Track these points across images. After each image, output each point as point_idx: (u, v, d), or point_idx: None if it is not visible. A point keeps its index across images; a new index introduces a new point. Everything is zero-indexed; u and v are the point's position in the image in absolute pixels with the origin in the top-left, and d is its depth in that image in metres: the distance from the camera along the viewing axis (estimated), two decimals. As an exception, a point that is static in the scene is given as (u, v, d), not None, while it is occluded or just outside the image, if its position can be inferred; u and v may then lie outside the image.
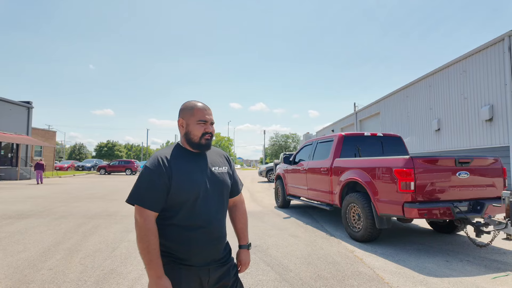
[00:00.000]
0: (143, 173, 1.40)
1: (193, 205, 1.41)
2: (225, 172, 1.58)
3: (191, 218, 1.41)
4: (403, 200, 4.16)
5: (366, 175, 4.82)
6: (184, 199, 1.40)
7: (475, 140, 9.99)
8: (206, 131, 1.49)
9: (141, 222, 1.33)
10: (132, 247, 4.58)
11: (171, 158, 1.44)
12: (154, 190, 1.36)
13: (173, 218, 1.40)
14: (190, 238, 1.40)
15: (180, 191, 1.39)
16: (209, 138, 1.51)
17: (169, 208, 1.40)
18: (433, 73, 12.38)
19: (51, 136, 32.41)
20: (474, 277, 3.38)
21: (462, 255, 4.20)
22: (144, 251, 1.31)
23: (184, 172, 1.43)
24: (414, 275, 3.45)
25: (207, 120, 1.51)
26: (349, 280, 3.33)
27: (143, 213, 1.34)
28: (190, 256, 1.40)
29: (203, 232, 1.42)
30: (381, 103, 17.73)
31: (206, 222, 1.43)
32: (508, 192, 3.76)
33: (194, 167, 1.48)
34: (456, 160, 4.26)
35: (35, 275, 3.50)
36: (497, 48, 9.10)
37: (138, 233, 1.33)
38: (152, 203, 1.35)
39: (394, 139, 6.45)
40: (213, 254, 1.46)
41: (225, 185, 1.55)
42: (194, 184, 1.42)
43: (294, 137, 69.12)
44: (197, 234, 1.41)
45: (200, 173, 1.48)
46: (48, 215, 7.16)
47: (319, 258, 4.06)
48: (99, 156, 71.12)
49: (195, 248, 1.40)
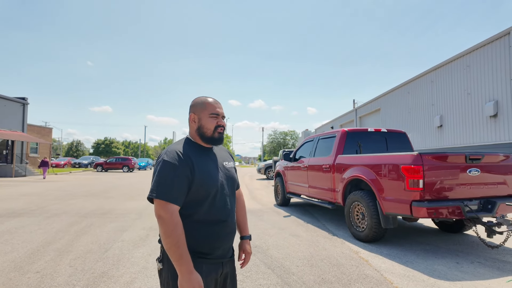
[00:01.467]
0: (164, 167, 1.36)
1: (213, 200, 1.42)
2: (233, 167, 1.64)
3: (211, 213, 1.42)
4: (411, 199, 3.95)
5: (371, 173, 4.60)
6: (205, 194, 1.40)
7: (479, 136, 9.79)
8: (218, 124, 1.50)
9: (167, 217, 1.29)
10: (126, 247, 4.36)
11: (190, 152, 1.43)
12: (177, 184, 1.34)
13: (193, 213, 1.39)
14: (212, 233, 1.41)
15: (202, 186, 1.39)
16: (221, 131, 1.52)
17: (189, 203, 1.39)
18: (436, 69, 12.15)
19: (47, 133, 32.02)
20: (488, 281, 3.19)
21: (473, 256, 4.00)
22: (174, 247, 1.27)
23: (204, 166, 1.44)
24: (424, 279, 3.25)
25: (219, 113, 1.52)
26: (356, 284, 3.13)
27: (168, 208, 1.30)
28: (213, 251, 1.42)
29: (223, 226, 1.44)
30: (382, 99, 17.51)
31: (225, 216, 1.46)
32: (523, 191, 3.55)
33: (211, 162, 1.50)
34: (467, 157, 4.04)
35: (20, 278, 3.28)
36: (501, 43, 8.87)
37: (165, 229, 1.28)
38: (176, 197, 1.33)
39: (398, 135, 6.23)
40: (228, 247, 1.50)
41: (235, 180, 1.61)
42: (214, 179, 1.45)
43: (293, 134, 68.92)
44: (218, 228, 1.43)
45: (217, 168, 1.51)
46: (41, 214, 6.92)
47: (322, 260, 3.85)
48: (97, 153, 70.71)
49: (217, 242, 1.42)
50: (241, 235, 1.74)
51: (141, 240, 4.75)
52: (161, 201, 1.30)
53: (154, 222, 6.02)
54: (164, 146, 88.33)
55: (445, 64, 11.57)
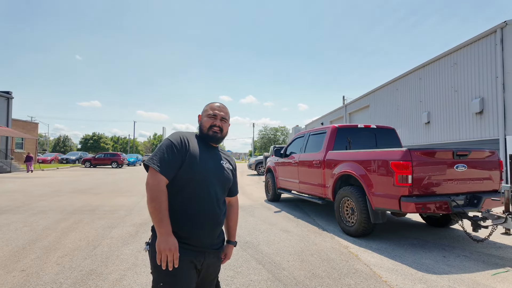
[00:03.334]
0: (164, 143, 1.54)
1: (198, 185, 1.52)
2: (231, 169, 1.75)
3: (192, 197, 1.52)
4: (399, 194, 4.00)
5: (361, 168, 4.65)
6: (191, 176, 1.51)
7: (465, 133, 10.00)
8: (213, 124, 1.65)
9: (154, 184, 1.44)
10: (115, 244, 4.30)
11: (190, 139, 1.59)
12: (170, 159, 1.49)
13: (177, 196, 1.51)
14: (191, 219, 1.50)
15: (190, 168, 1.51)
16: (216, 131, 1.65)
17: (175, 184, 1.51)
18: (424, 66, 12.32)
19: (33, 128, 31.25)
20: (474, 274, 3.27)
21: (459, 250, 4.09)
22: (156, 211, 1.40)
23: (197, 153, 1.56)
24: (412, 272, 3.30)
25: (216, 114, 1.66)
26: (346, 278, 3.16)
27: (156, 177, 1.45)
28: (190, 235, 1.50)
29: (203, 214, 1.53)
30: (371, 96, 17.68)
31: (207, 206, 1.54)
32: (508, 186, 3.65)
33: (207, 154, 1.62)
34: (454, 153, 4.12)
35: (5, 277, 3.20)
36: (489, 40, 9.04)
37: (150, 194, 1.42)
38: (166, 169, 1.47)
39: (387, 131, 6.30)
40: (210, 237, 1.57)
41: (228, 179, 1.70)
42: (204, 166, 1.56)
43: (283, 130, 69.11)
44: (198, 215, 1.52)
45: (210, 160, 1.62)
46: (26, 211, 6.76)
47: (312, 255, 3.88)
48: (85, 148, 69.53)
49: (195, 228, 1.51)
50: (227, 239, 1.84)
51: (131, 237, 4.69)
52: (153, 170, 1.46)
53: (144, 219, 5.96)
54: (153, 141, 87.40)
55: (433, 62, 11.74)
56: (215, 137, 1.65)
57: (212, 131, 1.64)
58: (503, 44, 8.50)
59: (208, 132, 1.64)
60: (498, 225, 3.69)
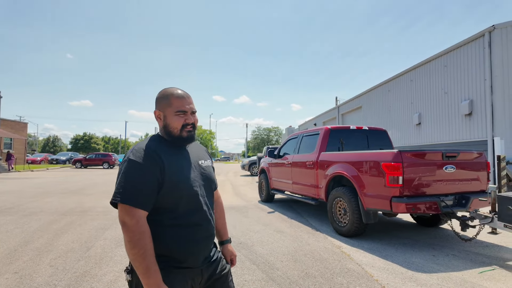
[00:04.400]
0: (129, 168, 1.21)
1: (188, 202, 1.30)
2: (210, 166, 1.50)
3: (185, 217, 1.29)
4: (391, 195, 4.09)
5: (353, 169, 4.73)
6: (178, 196, 1.27)
7: (455, 134, 10.20)
8: (186, 122, 1.34)
9: (132, 224, 1.15)
10: (108, 246, 4.29)
11: (160, 151, 1.28)
12: (144, 186, 1.19)
13: (165, 217, 1.26)
14: (187, 238, 1.28)
15: (174, 188, 1.25)
16: (191, 129, 1.36)
17: (162, 206, 1.25)
18: (415, 68, 12.53)
19: (21, 128, 30.74)
20: (462, 272, 3.36)
21: (448, 249, 4.20)
22: (140, 258, 1.13)
23: (176, 166, 1.29)
24: (402, 271, 3.38)
25: (186, 110, 1.34)
26: (338, 277, 3.22)
27: (134, 214, 1.16)
28: (187, 257, 1.28)
29: (199, 229, 1.32)
30: (363, 97, 17.88)
31: (200, 219, 1.33)
32: (494, 186, 3.76)
33: (184, 161, 1.36)
34: (443, 154, 4.22)
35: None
36: (477, 44, 9.25)
37: (130, 238, 1.14)
38: (143, 201, 1.18)
39: (379, 133, 6.41)
40: (205, 252, 1.37)
41: (212, 180, 1.48)
42: (187, 179, 1.31)
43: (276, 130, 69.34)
44: (194, 233, 1.30)
45: (191, 168, 1.37)
46: (17, 212, 6.68)
47: (306, 255, 3.94)
48: (75, 149, 68.68)
49: (192, 248, 1.29)
50: (221, 240, 1.64)
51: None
52: (126, 206, 1.16)
53: (137, 220, 5.94)
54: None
55: (423, 64, 11.95)
56: (191, 137, 1.37)
57: (186, 131, 1.34)
58: (491, 48, 8.70)
59: (182, 134, 1.33)
60: (485, 224, 3.80)
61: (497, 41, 8.60)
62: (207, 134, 72.61)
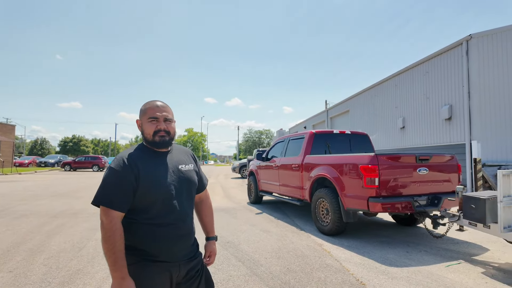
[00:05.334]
0: (108, 174, 1.40)
1: (162, 204, 1.44)
2: (191, 170, 1.62)
3: (161, 217, 1.44)
4: (368, 195, 4.37)
5: (334, 171, 5.00)
6: (153, 199, 1.42)
7: (436, 137, 10.64)
8: (158, 128, 1.49)
9: (106, 223, 1.34)
10: (100, 246, 4.45)
11: (137, 158, 1.45)
12: (120, 191, 1.37)
13: (141, 217, 1.42)
14: (160, 236, 1.43)
15: (148, 192, 1.41)
16: (163, 135, 1.50)
17: (138, 208, 1.42)
18: (399, 73, 12.98)
19: (9, 130, 30.30)
20: (430, 266, 3.65)
21: (421, 246, 4.50)
22: (109, 252, 1.32)
23: (151, 172, 1.44)
24: (377, 266, 3.66)
25: (157, 117, 1.50)
26: (317, 272, 3.47)
27: (109, 214, 1.34)
28: (160, 253, 1.43)
29: (172, 228, 1.46)
30: (351, 101, 18.32)
31: (175, 219, 1.47)
32: (461, 187, 4.07)
33: (161, 166, 1.50)
34: (417, 157, 4.53)
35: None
36: (456, 52, 9.71)
37: (103, 234, 1.34)
38: (118, 203, 1.36)
39: (361, 137, 6.72)
40: (182, 249, 1.50)
41: (192, 183, 1.60)
42: (162, 184, 1.45)
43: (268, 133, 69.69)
44: (167, 231, 1.44)
45: (167, 172, 1.50)
46: (7, 214, 6.75)
47: (289, 252, 4.18)
48: (64, 151, 67.69)
49: (164, 245, 1.43)
50: (207, 236, 1.81)
51: (115, 239, 4.84)
52: (103, 207, 1.35)
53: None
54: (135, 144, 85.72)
55: (407, 70, 12.41)
56: (164, 142, 1.50)
57: (159, 136, 1.49)
58: (468, 56, 9.16)
59: (154, 139, 1.48)
60: (453, 222, 4.10)
61: (474, 50, 9.06)
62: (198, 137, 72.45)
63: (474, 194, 3.69)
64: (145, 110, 1.53)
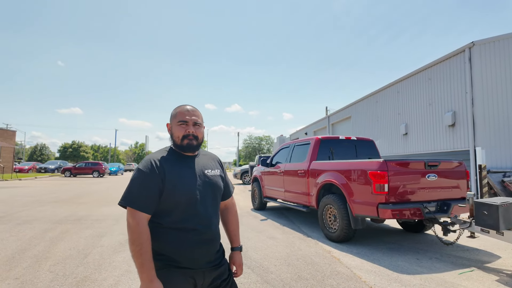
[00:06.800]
0: (135, 176, 1.41)
1: (186, 208, 1.42)
2: (217, 175, 1.60)
3: (184, 221, 1.42)
4: (377, 202, 4.33)
5: (342, 177, 4.97)
6: (177, 201, 1.41)
7: (439, 144, 10.62)
8: (187, 133, 1.49)
9: (133, 224, 1.33)
10: (106, 253, 4.40)
11: (164, 161, 1.45)
12: (147, 192, 1.36)
13: (166, 220, 1.41)
14: (183, 241, 1.41)
15: (173, 194, 1.40)
16: (191, 138, 1.50)
17: (162, 210, 1.41)
18: (401, 80, 13.03)
19: (10, 136, 30.26)
20: (443, 273, 3.60)
21: (431, 253, 4.45)
22: (137, 254, 1.30)
23: (177, 174, 1.44)
24: (388, 273, 3.60)
25: (187, 120, 1.50)
26: (329, 280, 3.42)
27: (135, 216, 1.34)
28: (183, 259, 1.41)
29: (195, 234, 1.43)
30: (352, 108, 18.36)
31: (199, 224, 1.44)
32: (472, 193, 4.04)
33: (187, 170, 1.49)
34: (426, 163, 4.51)
35: (0, 285, 3.27)
36: (459, 58, 9.76)
37: (130, 236, 1.33)
38: (144, 205, 1.35)
39: (367, 143, 6.71)
40: (206, 256, 1.47)
41: (218, 188, 1.57)
42: (187, 187, 1.44)
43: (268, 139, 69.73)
44: (190, 237, 1.42)
45: (193, 176, 1.49)
46: (10, 221, 6.69)
47: (298, 259, 4.13)
48: (63, 157, 67.55)
49: (187, 250, 1.41)
50: (231, 246, 1.73)
51: (121, 246, 4.79)
52: (130, 208, 1.35)
53: (132, 228, 6.04)
54: (135, 150, 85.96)
55: (409, 76, 12.45)
56: (191, 147, 1.50)
57: (187, 140, 1.49)
58: (471, 63, 9.20)
59: (183, 143, 1.49)
60: (464, 229, 4.06)
61: (476, 57, 9.11)
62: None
63: (486, 200, 3.66)
64: (176, 114, 1.53)
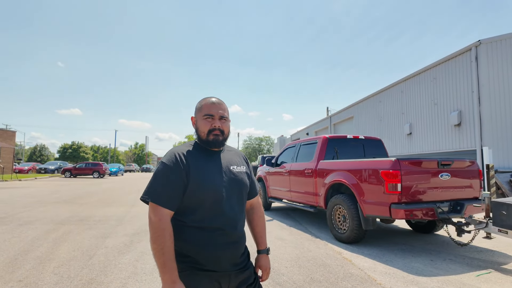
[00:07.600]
0: (159, 169, 1.32)
1: (211, 206, 1.33)
2: (243, 172, 1.50)
3: (209, 220, 1.32)
4: (390, 201, 4.22)
5: (352, 177, 4.86)
6: (202, 198, 1.31)
7: (444, 144, 10.52)
8: (213, 127, 1.39)
9: (155, 221, 1.23)
10: (111, 254, 4.29)
11: (189, 155, 1.36)
12: (170, 187, 1.28)
13: (190, 218, 1.31)
14: (207, 241, 1.31)
15: (197, 190, 1.31)
16: (218, 133, 1.40)
17: (185, 208, 1.32)
18: (405, 80, 12.93)
19: (9, 136, 30.15)
20: (460, 275, 3.49)
21: (444, 254, 4.34)
22: (159, 253, 1.21)
23: (202, 170, 1.35)
24: (403, 275, 3.49)
25: (213, 114, 1.41)
26: (343, 282, 3.31)
27: (158, 212, 1.25)
28: (207, 260, 1.30)
29: (220, 234, 1.33)
30: (355, 108, 18.26)
31: (224, 224, 1.34)
32: (487, 193, 3.93)
33: (213, 165, 1.40)
34: (439, 162, 4.40)
35: (3, 287, 3.15)
36: (465, 57, 9.67)
37: (152, 233, 1.23)
38: (167, 200, 1.27)
39: (375, 142, 6.60)
40: (231, 258, 1.36)
41: (244, 185, 1.47)
42: (213, 183, 1.34)
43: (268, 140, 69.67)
44: (215, 237, 1.32)
45: (219, 172, 1.40)
46: (12, 221, 6.57)
47: (308, 261, 4.02)
48: (63, 158, 67.43)
49: (211, 252, 1.31)
50: (258, 249, 1.62)
51: (126, 247, 4.67)
52: (152, 204, 1.26)
53: (136, 229, 5.93)
54: (135, 151, 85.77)
55: (413, 76, 12.36)
56: (217, 142, 1.40)
57: (213, 135, 1.39)
58: (477, 61, 9.11)
59: (208, 138, 1.39)
60: (480, 229, 3.96)
61: (483, 55, 9.01)
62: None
63: (504, 200, 3.56)
64: (201, 107, 1.44)
